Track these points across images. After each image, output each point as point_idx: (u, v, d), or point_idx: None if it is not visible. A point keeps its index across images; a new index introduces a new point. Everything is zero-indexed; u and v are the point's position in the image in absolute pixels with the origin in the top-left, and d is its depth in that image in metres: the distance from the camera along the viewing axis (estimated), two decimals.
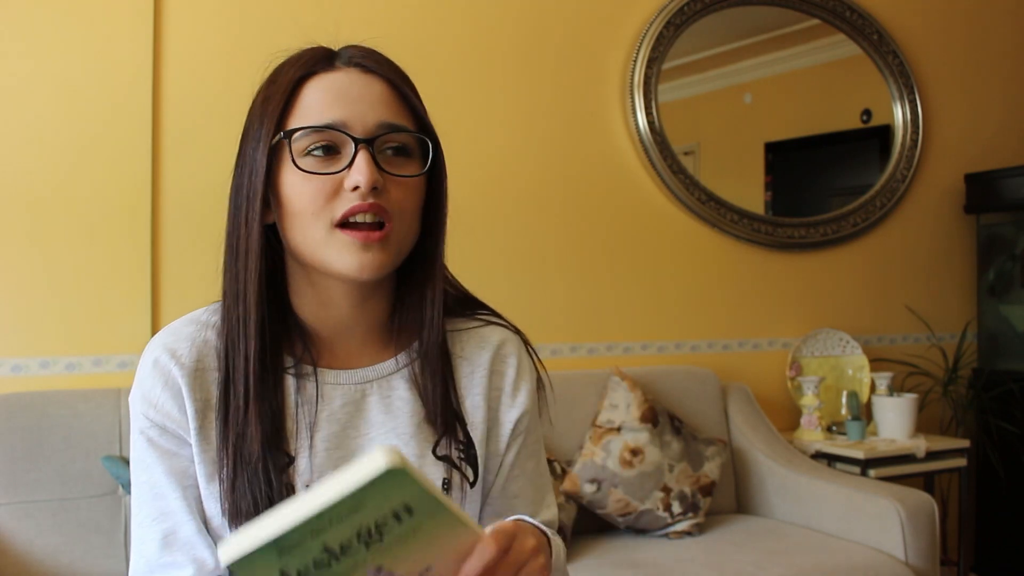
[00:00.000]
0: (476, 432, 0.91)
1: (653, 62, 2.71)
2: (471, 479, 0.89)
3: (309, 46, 0.87)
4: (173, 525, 0.82)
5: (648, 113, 2.70)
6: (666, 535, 2.25)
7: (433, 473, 0.87)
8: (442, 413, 0.88)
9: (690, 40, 2.81)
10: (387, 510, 0.55)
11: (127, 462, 1.90)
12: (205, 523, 0.83)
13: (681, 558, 2.09)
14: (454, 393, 0.90)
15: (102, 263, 2.11)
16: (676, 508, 2.26)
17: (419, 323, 0.89)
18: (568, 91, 2.67)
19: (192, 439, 0.82)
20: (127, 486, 1.88)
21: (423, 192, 0.86)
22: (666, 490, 2.27)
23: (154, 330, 2.14)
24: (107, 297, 2.11)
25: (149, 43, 2.15)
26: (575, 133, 2.67)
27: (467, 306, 0.96)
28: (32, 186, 2.05)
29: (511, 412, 0.94)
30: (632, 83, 2.71)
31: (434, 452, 0.88)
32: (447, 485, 0.87)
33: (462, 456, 0.89)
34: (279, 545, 0.53)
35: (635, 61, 2.71)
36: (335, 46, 0.87)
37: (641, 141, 2.71)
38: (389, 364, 0.89)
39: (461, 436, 0.90)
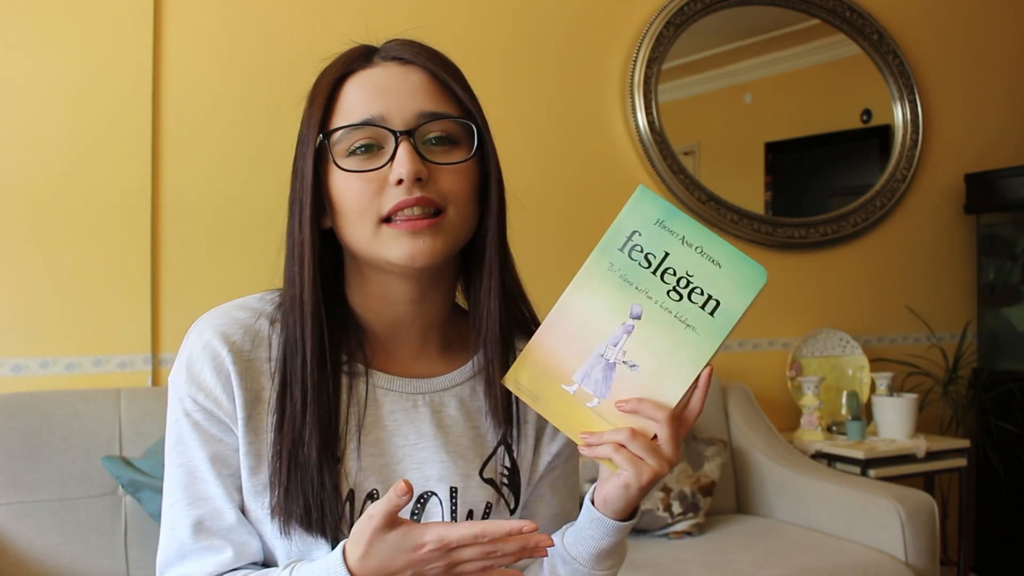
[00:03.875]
0: (523, 460, 0.89)
1: (653, 62, 2.71)
2: (512, 505, 0.88)
3: (349, 46, 0.86)
4: (212, 511, 0.81)
5: (648, 113, 2.70)
6: (666, 535, 2.25)
7: (478, 495, 0.85)
8: (497, 433, 0.87)
9: (690, 40, 2.81)
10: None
11: (127, 462, 1.90)
12: (244, 513, 0.83)
13: (681, 558, 2.09)
14: (511, 417, 0.88)
15: (102, 263, 2.11)
16: (676, 508, 2.26)
17: (479, 323, 0.86)
18: (568, 91, 2.67)
19: (239, 429, 0.81)
20: (127, 486, 1.88)
21: (475, 178, 0.83)
22: (666, 490, 2.27)
23: (154, 330, 2.15)
24: (107, 297, 2.11)
25: (149, 44, 2.15)
26: (575, 133, 2.67)
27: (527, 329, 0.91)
28: (32, 186, 2.05)
29: (552, 446, 0.92)
30: (632, 83, 2.71)
31: (481, 474, 0.86)
32: (489, 509, 0.86)
33: (506, 482, 0.88)
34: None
35: (635, 61, 2.71)
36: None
37: (641, 141, 2.71)
38: (442, 379, 0.88)
39: (507, 461, 0.88)
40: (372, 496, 0.82)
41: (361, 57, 0.83)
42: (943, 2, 3.30)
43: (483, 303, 0.85)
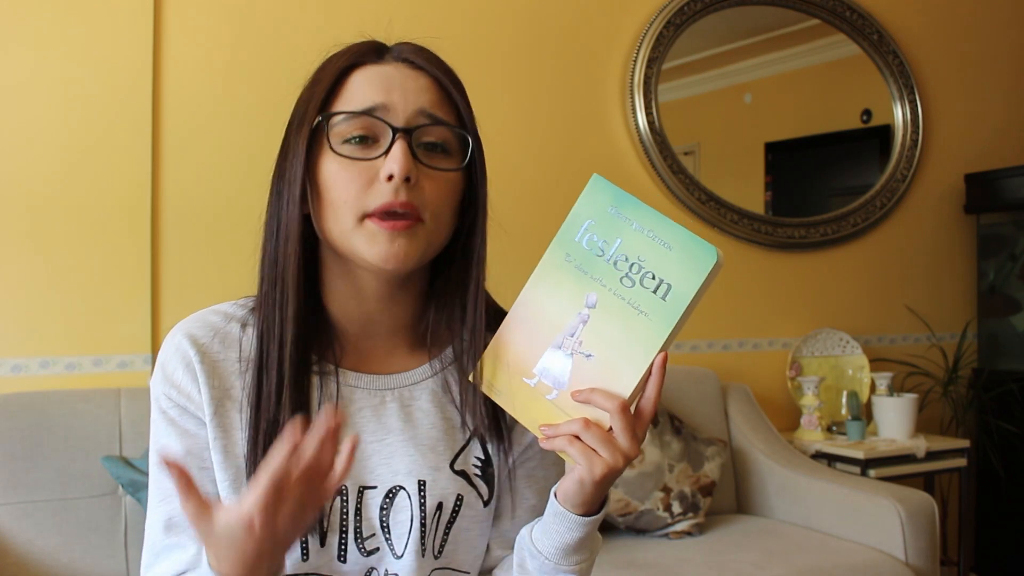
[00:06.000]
0: (496, 451, 0.89)
1: (653, 62, 2.71)
2: (485, 497, 0.88)
3: (361, 39, 0.86)
4: (179, 506, 0.81)
5: (648, 113, 2.70)
6: (666, 535, 2.25)
7: (448, 487, 0.85)
8: (472, 425, 0.87)
9: (690, 40, 2.81)
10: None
11: (127, 462, 1.90)
12: None
13: (681, 558, 2.09)
14: (484, 407, 0.87)
15: (102, 263, 2.11)
16: (676, 508, 2.26)
17: (457, 326, 0.87)
18: (568, 91, 2.67)
19: (208, 423, 0.82)
20: (127, 486, 1.88)
21: (459, 190, 0.84)
22: (666, 490, 2.27)
23: (154, 330, 2.15)
24: (107, 297, 2.11)
25: (149, 43, 2.15)
26: (575, 133, 2.67)
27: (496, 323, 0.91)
28: (32, 186, 2.05)
29: (524, 437, 0.91)
30: (632, 83, 2.71)
31: (451, 466, 0.86)
32: (460, 501, 0.86)
33: (479, 473, 0.88)
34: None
35: (635, 61, 2.71)
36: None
37: (641, 141, 2.71)
38: (412, 374, 0.88)
39: (480, 452, 0.88)
40: (340, 492, 0.82)
41: (372, 52, 0.84)
42: (943, 2, 3.30)
43: (468, 314, 0.86)
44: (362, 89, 0.81)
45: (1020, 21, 3.46)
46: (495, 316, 0.90)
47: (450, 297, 0.87)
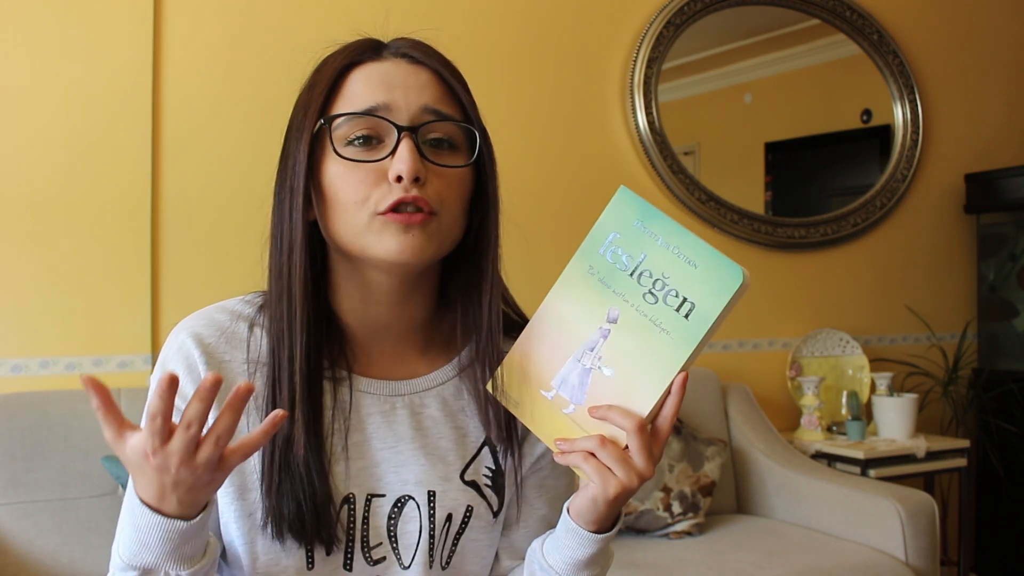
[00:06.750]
0: (507, 461, 0.87)
1: (653, 62, 2.71)
2: (495, 508, 0.87)
3: (357, 38, 0.84)
4: None
5: (648, 113, 2.70)
6: (666, 535, 2.25)
7: (458, 498, 0.84)
8: (484, 434, 0.86)
9: (690, 40, 2.81)
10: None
11: None
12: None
13: (681, 558, 2.09)
14: (498, 413, 0.85)
15: (102, 263, 2.11)
16: (676, 508, 2.26)
17: (471, 328, 0.85)
18: (568, 91, 2.67)
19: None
20: (127, 486, 1.88)
21: (469, 185, 0.82)
22: (666, 490, 2.27)
23: (154, 330, 2.15)
24: (107, 297, 2.11)
25: (149, 44, 2.15)
26: (575, 133, 2.67)
27: (513, 329, 0.88)
28: (32, 186, 2.05)
29: (536, 447, 0.90)
30: (632, 83, 2.71)
31: (462, 477, 0.85)
32: (470, 512, 0.85)
33: (489, 483, 0.86)
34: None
35: (635, 61, 2.71)
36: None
37: (641, 141, 2.71)
38: (423, 380, 0.87)
39: (491, 462, 0.87)
40: (348, 500, 0.81)
41: (370, 49, 0.82)
42: (943, 2, 3.30)
43: (483, 314, 0.84)
44: (362, 89, 0.79)
45: (1020, 21, 3.46)
46: (517, 323, 0.88)
47: (464, 297, 0.86)
